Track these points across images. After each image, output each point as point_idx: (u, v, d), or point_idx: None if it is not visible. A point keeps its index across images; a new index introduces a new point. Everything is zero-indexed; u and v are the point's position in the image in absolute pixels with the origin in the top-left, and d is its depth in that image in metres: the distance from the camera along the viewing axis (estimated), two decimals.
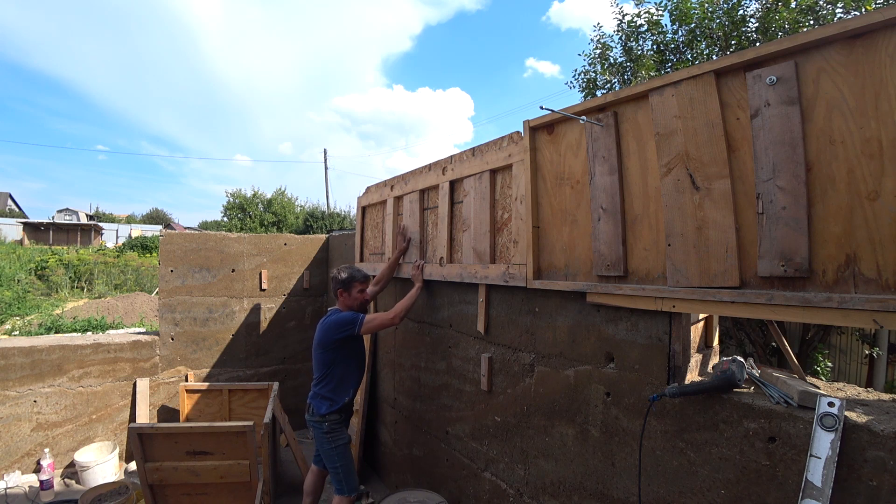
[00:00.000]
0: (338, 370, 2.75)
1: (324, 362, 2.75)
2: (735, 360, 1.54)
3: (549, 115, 2.00)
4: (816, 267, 1.29)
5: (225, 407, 4.16)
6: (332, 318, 2.73)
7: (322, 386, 2.74)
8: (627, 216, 1.77)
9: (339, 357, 2.76)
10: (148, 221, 46.80)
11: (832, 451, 1.23)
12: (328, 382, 2.74)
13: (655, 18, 5.54)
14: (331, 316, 2.77)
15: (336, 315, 2.74)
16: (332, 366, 2.74)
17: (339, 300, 2.81)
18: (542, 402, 2.17)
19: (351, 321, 2.69)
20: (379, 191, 3.68)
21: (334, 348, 2.73)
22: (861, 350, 5.63)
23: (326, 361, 2.75)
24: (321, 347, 2.73)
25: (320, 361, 2.75)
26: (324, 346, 2.72)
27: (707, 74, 1.49)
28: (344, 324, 2.68)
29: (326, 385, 2.74)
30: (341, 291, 2.78)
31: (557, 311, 2.10)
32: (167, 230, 5.90)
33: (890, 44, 1.15)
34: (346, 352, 2.78)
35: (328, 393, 2.73)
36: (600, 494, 1.89)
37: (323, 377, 2.75)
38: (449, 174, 2.78)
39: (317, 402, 2.74)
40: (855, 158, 1.22)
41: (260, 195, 22.81)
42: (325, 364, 2.74)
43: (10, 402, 3.64)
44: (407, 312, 2.79)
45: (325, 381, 2.74)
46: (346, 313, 2.72)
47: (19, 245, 26.20)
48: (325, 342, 2.71)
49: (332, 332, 2.69)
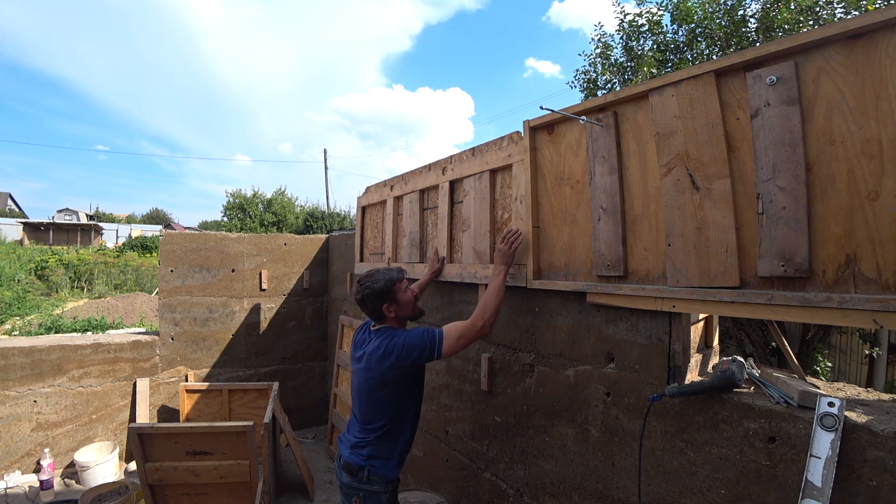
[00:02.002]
0: (401, 413, 2.03)
1: (380, 404, 1.98)
2: (735, 360, 1.54)
3: (549, 115, 2.00)
4: (816, 267, 1.29)
5: (225, 407, 4.16)
6: (390, 341, 1.95)
7: (380, 437, 1.98)
8: (627, 216, 1.77)
9: (405, 394, 2.03)
10: (148, 221, 46.82)
11: (832, 451, 1.23)
12: (388, 432, 2.00)
13: (656, 18, 5.55)
14: (378, 338, 2.00)
15: (389, 335, 1.97)
16: (396, 408, 2.01)
17: (388, 317, 2.05)
18: (542, 402, 2.17)
19: (427, 342, 1.92)
20: (379, 191, 3.68)
21: (401, 382, 1.98)
22: (861, 350, 5.63)
23: (384, 402, 1.98)
24: (381, 386, 1.95)
25: (376, 404, 1.99)
26: (384, 383, 1.95)
27: (707, 74, 1.49)
28: (416, 348, 1.92)
29: (386, 437, 1.99)
30: (387, 307, 2.02)
31: (557, 311, 2.10)
32: (167, 230, 5.90)
33: (890, 44, 1.15)
34: (413, 383, 2.06)
35: (388, 448, 2.00)
36: (600, 494, 1.89)
37: (382, 427, 1.98)
38: (449, 174, 2.77)
39: (378, 463, 1.97)
40: (855, 158, 1.22)
41: (260, 195, 22.82)
42: (383, 406, 1.98)
43: (10, 402, 3.64)
44: (498, 312, 2.03)
45: (383, 430, 1.98)
46: (413, 332, 1.96)
47: (19, 245, 26.21)
48: (388, 379, 1.94)
49: (399, 361, 1.92)
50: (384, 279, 2.03)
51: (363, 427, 2.01)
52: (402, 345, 1.92)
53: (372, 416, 1.99)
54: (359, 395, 2.03)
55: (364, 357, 2.01)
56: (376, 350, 1.96)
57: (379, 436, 1.98)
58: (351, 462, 1.98)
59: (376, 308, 2.03)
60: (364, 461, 1.97)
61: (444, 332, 1.95)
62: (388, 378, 1.94)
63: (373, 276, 2.05)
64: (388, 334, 1.98)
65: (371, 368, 1.96)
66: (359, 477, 1.97)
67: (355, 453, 1.99)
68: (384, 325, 2.06)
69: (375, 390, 1.97)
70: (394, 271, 2.09)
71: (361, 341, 2.11)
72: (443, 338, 1.93)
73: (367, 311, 2.06)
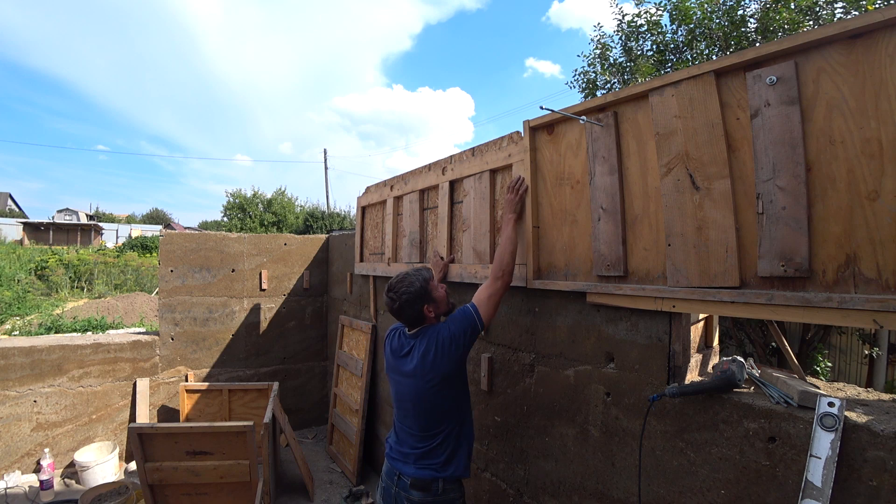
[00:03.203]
0: (465, 405, 1.98)
1: (446, 403, 1.90)
2: (735, 360, 1.54)
3: (549, 115, 2.01)
4: (816, 267, 1.29)
5: (225, 407, 4.16)
6: (439, 337, 1.88)
7: (449, 437, 1.90)
8: (627, 216, 1.77)
9: (464, 384, 1.97)
10: (148, 221, 46.83)
11: (832, 451, 1.23)
12: (456, 429, 1.93)
13: (655, 18, 5.55)
14: (423, 340, 1.91)
15: (433, 333, 1.90)
16: (462, 401, 1.96)
17: (428, 318, 1.95)
18: (542, 402, 2.17)
19: (469, 319, 1.90)
20: (379, 191, 3.68)
21: (461, 373, 1.93)
22: (861, 350, 5.63)
23: (450, 400, 1.91)
24: (444, 385, 1.87)
25: (440, 406, 1.89)
26: (447, 380, 1.87)
27: (707, 74, 1.49)
28: (465, 329, 1.88)
29: (455, 435, 1.92)
30: (427, 307, 1.93)
31: (557, 311, 2.10)
32: (167, 230, 5.91)
33: (890, 44, 1.15)
34: (465, 372, 1.99)
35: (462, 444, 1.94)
36: (600, 494, 1.89)
37: (450, 427, 1.90)
38: (449, 174, 2.77)
39: (455, 465, 1.88)
40: (855, 158, 1.22)
41: (260, 195, 22.83)
42: (449, 404, 1.91)
43: (10, 402, 3.64)
44: (514, 261, 2.04)
45: (450, 429, 1.91)
46: (451, 318, 1.94)
47: (19, 245, 26.21)
48: (451, 374, 1.88)
49: (458, 350, 1.86)
50: (420, 280, 1.93)
51: (424, 435, 1.90)
52: (452, 334, 1.87)
53: (436, 420, 1.89)
54: (414, 405, 1.90)
55: (413, 364, 1.89)
56: (427, 352, 1.87)
57: (447, 436, 1.89)
58: (422, 477, 1.85)
59: (417, 311, 1.92)
60: (438, 471, 1.86)
61: (473, 302, 1.94)
62: (451, 373, 1.88)
63: (405, 280, 1.93)
64: (432, 332, 1.91)
65: (427, 371, 1.86)
66: (433, 490, 1.85)
67: (425, 466, 1.87)
68: (422, 327, 1.96)
69: (438, 391, 1.87)
70: (424, 271, 2.00)
71: (399, 349, 1.99)
72: (476, 307, 1.92)
73: (407, 317, 1.94)
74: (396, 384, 2.00)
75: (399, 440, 1.99)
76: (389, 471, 1.96)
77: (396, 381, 2.00)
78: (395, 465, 1.95)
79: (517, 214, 2.14)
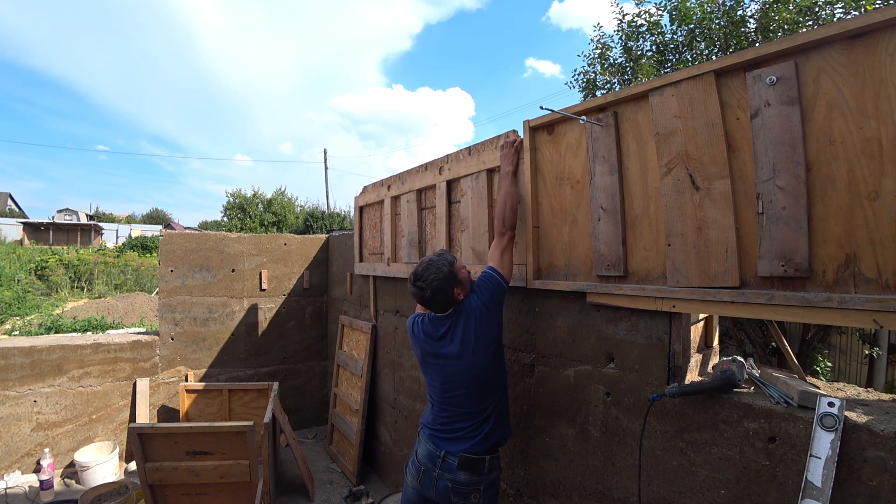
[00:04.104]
0: (503, 372, 1.99)
1: (495, 371, 1.93)
2: (735, 360, 1.54)
3: (549, 115, 2.00)
4: (816, 267, 1.29)
5: (225, 407, 4.16)
6: (471, 309, 1.91)
7: (498, 407, 1.94)
8: (627, 216, 1.77)
9: (501, 351, 2.00)
10: (148, 221, 46.84)
11: (832, 451, 1.23)
12: (503, 395, 1.97)
13: (655, 19, 5.55)
14: (460, 318, 1.92)
15: (465, 306, 1.93)
16: (504, 365, 2.00)
17: (457, 300, 1.95)
18: (542, 402, 2.17)
19: (493, 281, 1.95)
20: (376, 190, 3.67)
21: (500, 336, 1.97)
22: (861, 350, 5.63)
23: (497, 366, 1.95)
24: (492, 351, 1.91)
25: (490, 377, 1.92)
26: (491, 343, 1.91)
27: (707, 74, 1.49)
28: (494, 292, 1.93)
29: (502, 402, 1.96)
30: (457, 290, 1.92)
31: (557, 311, 2.10)
32: (167, 230, 5.91)
33: (890, 44, 1.15)
34: (502, 337, 2.02)
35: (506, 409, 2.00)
36: (600, 494, 1.89)
37: (499, 395, 1.95)
38: (446, 174, 2.75)
39: (501, 431, 1.94)
40: (855, 158, 1.22)
41: (260, 195, 22.84)
42: (497, 371, 1.94)
43: (10, 402, 3.64)
44: (516, 214, 2.10)
45: (500, 398, 1.95)
46: (477, 286, 1.98)
47: (19, 245, 26.21)
48: (494, 337, 1.92)
49: (495, 311, 1.91)
50: (446, 264, 1.91)
51: (477, 411, 1.89)
52: (485, 303, 1.91)
53: (487, 392, 1.90)
54: (467, 383, 1.89)
55: (456, 344, 1.89)
56: (468, 328, 1.88)
57: (497, 406, 1.92)
58: (474, 454, 1.85)
59: (448, 296, 1.90)
60: (488, 447, 1.88)
61: (490, 265, 2.01)
62: (494, 341, 1.92)
63: (431, 267, 1.91)
64: (466, 308, 1.92)
65: (474, 347, 1.87)
66: (479, 469, 1.86)
67: (478, 442, 1.87)
68: (454, 307, 1.94)
69: (489, 363, 1.90)
70: (446, 254, 1.99)
71: (434, 332, 1.96)
72: (495, 269, 1.98)
73: (439, 303, 1.92)
74: (441, 368, 1.96)
75: (445, 421, 1.95)
76: (431, 452, 1.93)
77: (440, 366, 1.96)
78: (440, 444, 1.92)
79: (514, 167, 2.16)
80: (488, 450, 1.89)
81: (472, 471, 1.86)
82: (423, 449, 1.98)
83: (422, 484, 1.94)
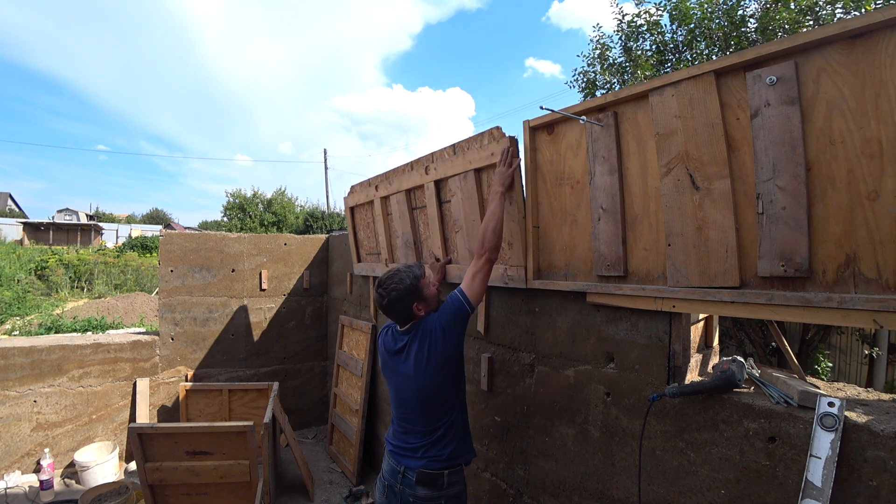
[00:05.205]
0: (464, 391, 2.01)
1: (447, 393, 1.92)
2: (735, 360, 1.54)
3: (548, 115, 2.00)
4: (816, 267, 1.29)
5: (225, 407, 4.16)
6: (429, 328, 1.90)
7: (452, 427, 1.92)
8: (627, 216, 1.77)
9: (459, 374, 1.98)
10: (148, 221, 46.83)
11: (832, 451, 1.23)
12: (459, 417, 1.97)
13: (655, 19, 5.55)
14: (416, 335, 1.91)
15: (424, 325, 1.92)
16: (461, 388, 1.99)
17: (417, 315, 1.95)
18: (542, 402, 2.17)
19: (457, 303, 1.92)
20: (364, 191, 3.56)
21: (459, 359, 1.96)
22: (861, 350, 5.63)
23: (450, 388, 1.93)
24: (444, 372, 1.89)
25: (442, 397, 1.91)
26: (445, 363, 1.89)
27: (707, 74, 1.48)
28: (455, 314, 1.90)
29: (458, 423, 1.95)
30: (416, 305, 1.92)
31: (557, 311, 2.10)
32: (167, 230, 5.91)
33: (890, 44, 1.15)
34: (462, 359, 2.00)
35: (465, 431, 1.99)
36: (600, 494, 1.89)
37: (453, 416, 1.93)
38: (433, 174, 2.65)
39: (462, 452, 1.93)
40: (855, 158, 1.22)
41: (260, 195, 22.84)
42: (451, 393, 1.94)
43: (10, 402, 3.64)
44: (499, 237, 2.02)
45: (454, 418, 1.94)
46: (441, 308, 1.96)
47: (19, 245, 26.21)
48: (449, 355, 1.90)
49: (452, 336, 1.89)
50: (409, 276, 1.92)
51: (429, 430, 1.90)
52: (443, 326, 1.88)
53: (440, 412, 1.90)
54: (418, 402, 1.91)
55: (410, 363, 1.90)
56: (422, 349, 1.88)
57: (453, 426, 1.91)
58: (430, 470, 1.85)
59: (406, 309, 1.92)
60: (445, 463, 1.87)
61: (460, 287, 1.96)
62: (449, 365, 1.89)
63: (394, 276, 1.93)
64: (424, 327, 1.92)
65: (425, 369, 1.87)
66: (438, 484, 1.86)
67: (433, 459, 1.87)
68: (413, 323, 1.96)
69: (439, 385, 1.89)
70: (415, 267, 1.99)
71: (393, 346, 1.99)
72: (463, 291, 1.94)
73: (396, 314, 1.94)
74: (395, 383, 2.00)
75: (402, 436, 1.98)
76: (392, 468, 1.94)
77: (395, 381, 2.00)
78: (400, 460, 1.93)
79: (505, 188, 2.07)
80: (445, 465, 1.88)
81: (432, 486, 1.85)
82: (387, 465, 2.00)
83: (388, 500, 1.95)
